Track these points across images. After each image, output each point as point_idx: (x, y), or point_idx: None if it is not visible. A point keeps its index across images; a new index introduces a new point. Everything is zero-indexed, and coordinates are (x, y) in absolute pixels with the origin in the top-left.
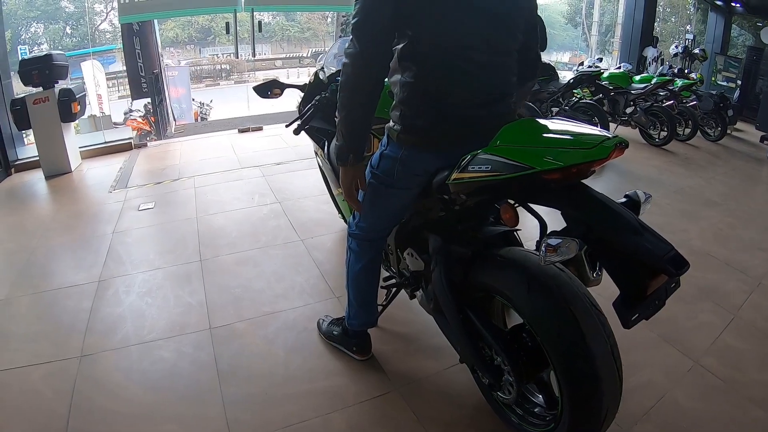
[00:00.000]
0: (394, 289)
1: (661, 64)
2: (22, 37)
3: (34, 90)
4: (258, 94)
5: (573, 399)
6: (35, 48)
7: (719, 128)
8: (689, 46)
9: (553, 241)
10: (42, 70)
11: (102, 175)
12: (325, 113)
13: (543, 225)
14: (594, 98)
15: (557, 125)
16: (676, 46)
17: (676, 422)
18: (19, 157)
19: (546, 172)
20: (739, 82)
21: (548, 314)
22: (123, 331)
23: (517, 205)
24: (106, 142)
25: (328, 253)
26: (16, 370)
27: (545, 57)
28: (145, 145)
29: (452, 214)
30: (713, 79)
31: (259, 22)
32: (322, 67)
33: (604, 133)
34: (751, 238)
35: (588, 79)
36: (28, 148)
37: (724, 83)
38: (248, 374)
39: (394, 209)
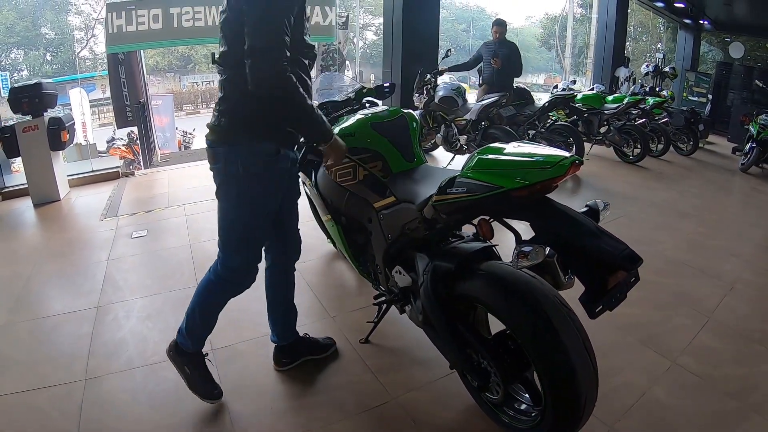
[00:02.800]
0: (384, 307)
1: (633, 84)
2: (2, 63)
3: (24, 118)
4: None
5: (553, 390)
6: (15, 74)
7: (691, 143)
8: (660, 64)
9: (524, 249)
10: (32, 99)
11: (91, 204)
12: (313, 147)
13: (518, 237)
14: (569, 120)
15: (520, 148)
16: (647, 66)
17: (658, 417)
18: (6, 185)
19: (514, 190)
20: (709, 96)
21: (524, 316)
22: (126, 355)
23: (492, 220)
24: (93, 171)
25: (320, 276)
26: (21, 393)
27: (520, 81)
28: (133, 174)
29: (435, 234)
30: (684, 94)
31: None
32: None
33: (562, 153)
34: (724, 245)
35: (562, 101)
36: (15, 175)
37: (695, 98)
38: (253, 391)
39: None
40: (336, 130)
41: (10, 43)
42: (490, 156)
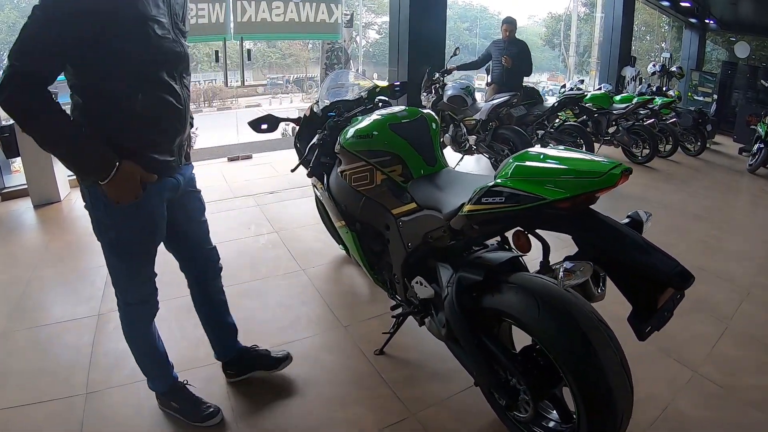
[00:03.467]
0: (400, 318)
1: (640, 83)
2: (5, 62)
3: None
4: (252, 128)
5: (589, 410)
6: None
7: (699, 143)
8: (666, 64)
9: (569, 266)
10: None
11: None
12: (325, 149)
13: (546, 247)
14: (578, 120)
15: (561, 154)
16: (654, 65)
17: (682, 430)
18: (6, 186)
19: (557, 201)
20: (715, 96)
21: (559, 333)
22: (129, 367)
23: (528, 231)
24: None
25: (331, 283)
26: (19, 408)
27: (528, 80)
28: None
29: (460, 243)
30: (689, 94)
31: (248, 51)
32: (317, 101)
33: (610, 160)
34: (737, 248)
35: (572, 101)
36: (15, 176)
37: (701, 98)
38: (264, 407)
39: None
40: (351, 131)
41: (13, 42)
42: (529, 163)
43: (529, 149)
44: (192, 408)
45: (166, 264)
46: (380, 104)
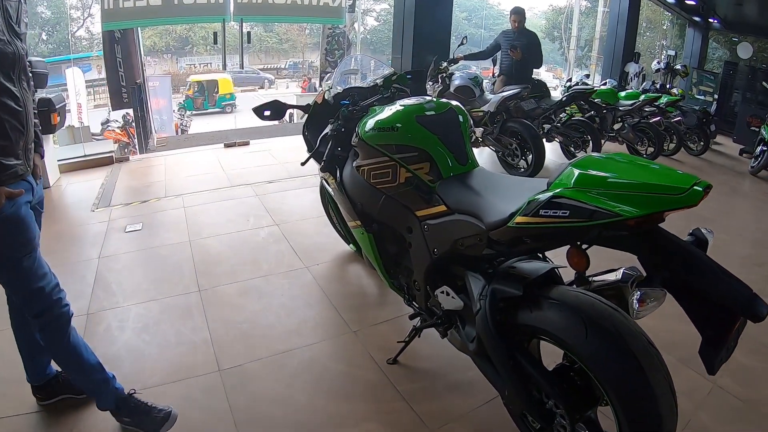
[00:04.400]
0: (417, 328)
1: (643, 80)
2: None
3: None
4: (257, 114)
5: None
6: None
7: (702, 143)
8: (671, 62)
9: (643, 294)
10: None
11: (83, 192)
12: (339, 141)
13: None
14: (585, 115)
15: (633, 163)
16: (659, 62)
17: None
18: None
19: (628, 219)
20: (715, 96)
21: (609, 356)
22: (120, 375)
23: (586, 247)
24: (85, 156)
25: (337, 282)
26: (4, 420)
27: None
28: (127, 159)
29: (495, 253)
30: (690, 92)
31: (248, 33)
32: (329, 88)
33: (689, 174)
34: (746, 254)
35: (581, 96)
36: None
37: (701, 97)
38: (269, 423)
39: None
40: (371, 122)
41: None
42: (593, 172)
43: (592, 155)
44: (145, 418)
45: (161, 258)
46: (396, 93)
